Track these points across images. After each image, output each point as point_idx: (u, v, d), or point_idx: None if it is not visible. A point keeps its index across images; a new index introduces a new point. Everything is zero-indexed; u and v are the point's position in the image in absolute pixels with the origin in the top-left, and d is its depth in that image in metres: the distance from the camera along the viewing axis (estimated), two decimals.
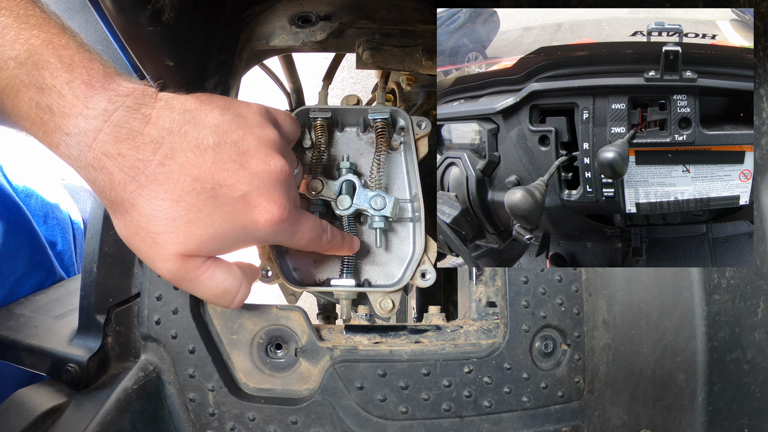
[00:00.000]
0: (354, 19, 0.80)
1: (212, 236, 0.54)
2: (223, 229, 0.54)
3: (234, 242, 0.56)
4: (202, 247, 0.54)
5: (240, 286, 0.58)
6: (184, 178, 0.51)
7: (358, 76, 2.30)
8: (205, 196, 0.52)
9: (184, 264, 0.54)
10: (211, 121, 0.54)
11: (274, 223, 0.55)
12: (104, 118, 0.49)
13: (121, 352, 0.68)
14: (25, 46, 0.48)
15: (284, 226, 0.57)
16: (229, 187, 0.53)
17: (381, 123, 0.74)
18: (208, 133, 0.53)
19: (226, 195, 0.53)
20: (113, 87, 0.50)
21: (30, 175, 0.98)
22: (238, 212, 0.54)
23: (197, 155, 0.52)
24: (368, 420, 0.65)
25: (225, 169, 0.53)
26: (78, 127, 0.49)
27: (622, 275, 0.66)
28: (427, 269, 0.71)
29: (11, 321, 0.79)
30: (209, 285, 0.56)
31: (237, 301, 0.59)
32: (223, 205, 0.53)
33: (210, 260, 0.56)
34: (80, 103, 0.49)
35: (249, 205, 0.54)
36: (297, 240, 0.61)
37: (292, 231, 0.59)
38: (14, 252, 0.86)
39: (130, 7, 0.60)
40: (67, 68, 0.49)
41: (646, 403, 0.63)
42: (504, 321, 0.69)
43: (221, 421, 0.65)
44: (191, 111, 0.53)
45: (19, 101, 0.49)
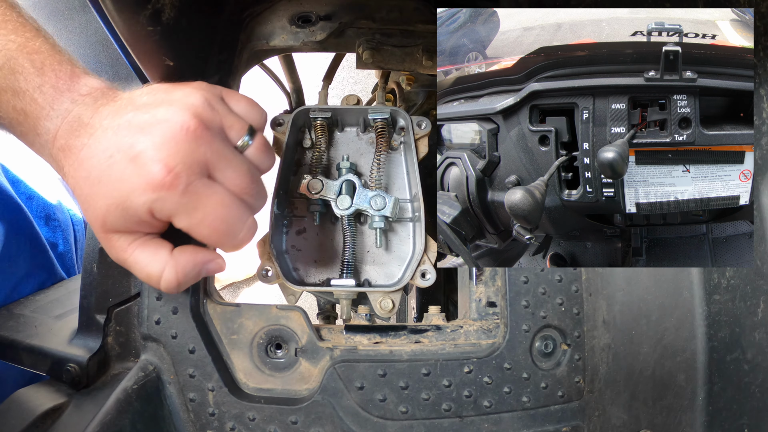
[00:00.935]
0: (354, 19, 0.80)
1: (108, 208, 0.51)
2: (114, 198, 0.51)
3: (128, 214, 0.51)
4: (106, 224, 0.52)
5: (162, 270, 0.54)
6: (101, 154, 0.51)
7: (358, 76, 2.30)
8: (106, 166, 0.51)
9: (108, 243, 0.54)
10: (142, 100, 0.53)
11: (153, 186, 0.49)
12: (64, 116, 0.52)
13: (121, 352, 0.68)
14: (3, 51, 0.52)
15: (169, 194, 0.50)
16: (127, 148, 0.50)
17: (381, 123, 0.74)
18: (136, 110, 0.52)
19: (121, 159, 0.50)
20: (77, 88, 0.54)
21: (31, 176, 0.98)
22: (127, 176, 0.50)
23: (116, 131, 0.51)
24: (368, 420, 0.65)
25: (132, 134, 0.51)
26: (44, 128, 0.53)
27: (622, 275, 0.66)
28: (427, 269, 0.71)
29: (11, 321, 0.79)
30: (135, 267, 0.55)
31: (163, 286, 0.54)
32: (117, 171, 0.50)
33: (139, 240, 0.54)
34: (48, 106, 0.52)
35: (136, 165, 0.49)
36: (195, 223, 0.52)
37: (184, 204, 0.51)
38: (15, 254, 0.86)
39: (130, 7, 0.60)
40: (39, 72, 0.52)
41: (646, 403, 0.63)
42: (504, 321, 0.69)
43: (221, 421, 0.65)
44: (132, 96, 0.54)
45: (0, 103, 0.53)
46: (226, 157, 0.53)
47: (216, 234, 0.53)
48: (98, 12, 0.58)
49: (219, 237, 0.54)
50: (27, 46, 0.53)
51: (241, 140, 0.56)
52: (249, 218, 0.55)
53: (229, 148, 0.55)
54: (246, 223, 0.55)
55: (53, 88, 0.53)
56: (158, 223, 0.53)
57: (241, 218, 0.54)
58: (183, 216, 0.51)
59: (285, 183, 0.74)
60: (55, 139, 0.53)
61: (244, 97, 0.60)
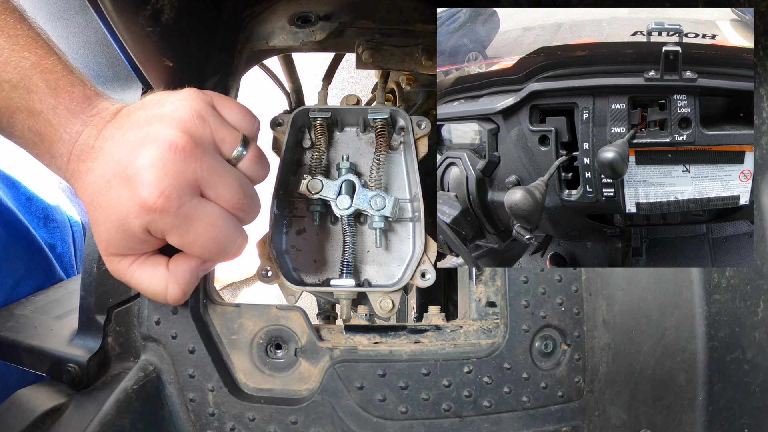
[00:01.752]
0: (353, 19, 0.80)
1: (109, 231, 0.52)
2: (113, 222, 0.51)
3: (128, 236, 0.52)
4: (110, 246, 0.54)
5: (165, 287, 0.55)
6: (100, 179, 0.52)
7: (358, 76, 2.30)
8: (105, 190, 0.51)
9: (112, 265, 0.55)
10: (136, 117, 0.54)
11: (146, 209, 0.49)
12: (74, 140, 0.53)
13: (121, 352, 0.68)
14: (17, 69, 0.52)
15: (162, 216, 0.50)
16: (122, 171, 0.50)
17: (381, 123, 0.74)
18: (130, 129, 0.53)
19: (118, 184, 0.51)
20: (88, 110, 0.54)
21: (30, 177, 0.98)
22: (123, 200, 0.50)
23: (114, 153, 0.52)
24: (368, 420, 0.65)
25: (126, 155, 0.51)
26: (58, 151, 0.54)
27: (622, 275, 0.66)
28: (427, 269, 0.71)
29: (11, 321, 0.79)
30: (139, 289, 0.57)
31: (170, 301, 0.56)
32: (115, 195, 0.51)
33: (138, 260, 0.55)
34: (62, 129, 0.53)
35: (129, 188, 0.50)
36: (187, 243, 0.53)
37: (177, 226, 0.51)
38: (12, 256, 0.86)
39: (130, 8, 0.60)
40: (53, 93, 0.52)
41: (646, 403, 0.63)
42: (504, 321, 0.69)
43: (221, 421, 0.65)
44: (129, 111, 0.54)
45: (14, 121, 0.53)
46: (218, 173, 0.53)
47: (207, 253, 0.54)
48: (98, 12, 0.57)
49: (210, 255, 0.55)
50: (41, 65, 0.53)
51: (235, 152, 0.56)
52: (240, 235, 0.56)
53: (220, 163, 0.54)
54: (236, 241, 0.55)
55: (67, 110, 0.53)
56: (157, 240, 0.54)
57: (231, 237, 0.54)
58: (175, 236, 0.53)
59: (285, 183, 0.74)
60: (68, 163, 0.53)
61: (237, 104, 0.60)
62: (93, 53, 0.71)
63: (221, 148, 0.55)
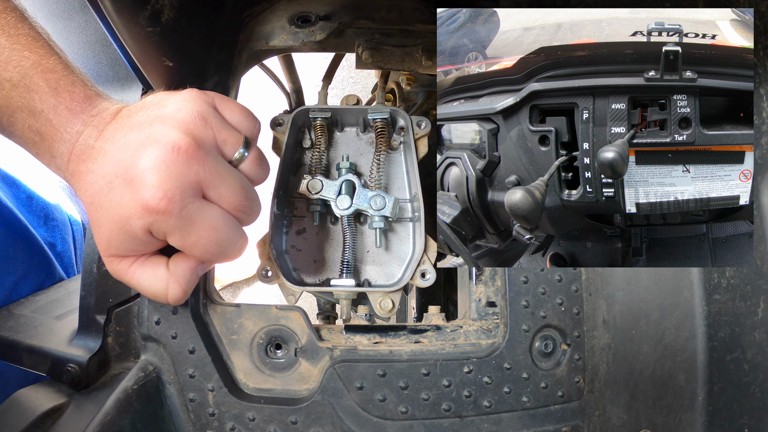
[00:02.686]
0: (353, 19, 0.80)
1: (110, 232, 0.52)
2: (115, 223, 0.52)
3: (129, 237, 0.52)
4: (110, 248, 0.54)
5: (166, 288, 0.56)
6: (101, 180, 0.52)
7: (358, 76, 2.30)
8: (106, 191, 0.52)
9: (112, 266, 0.56)
10: (137, 117, 0.54)
11: (149, 211, 0.49)
12: (75, 139, 0.53)
13: (121, 352, 0.68)
14: (18, 68, 0.52)
15: (164, 218, 0.50)
16: (124, 173, 0.50)
17: (381, 123, 0.74)
18: (132, 129, 0.53)
19: (120, 185, 0.51)
20: (89, 110, 0.54)
21: (30, 176, 0.98)
22: (125, 201, 0.50)
23: (115, 154, 0.52)
24: (368, 420, 0.65)
25: (128, 156, 0.51)
26: (58, 151, 0.53)
27: (622, 275, 0.66)
28: (427, 269, 0.71)
29: (11, 321, 0.79)
30: (140, 289, 0.57)
31: (171, 301, 0.57)
32: (116, 196, 0.51)
33: (138, 261, 0.55)
34: (62, 128, 0.53)
35: (132, 190, 0.50)
36: (189, 245, 0.53)
37: (179, 228, 0.51)
38: (12, 255, 0.86)
39: (130, 8, 0.60)
40: (54, 93, 0.52)
41: (646, 403, 0.63)
42: (504, 321, 0.69)
43: (221, 421, 0.65)
44: (130, 112, 0.54)
45: (15, 120, 0.53)
46: (220, 174, 0.54)
47: (208, 254, 0.55)
48: (97, 12, 0.57)
49: (210, 256, 0.55)
50: (41, 64, 0.53)
51: (236, 153, 0.56)
52: (240, 237, 0.56)
53: (222, 164, 0.54)
54: (237, 243, 0.56)
55: (68, 109, 0.53)
56: (157, 242, 0.54)
57: (232, 239, 0.55)
58: (177, 237, 0.53)
59: (285, 183, 0.74)
60: (69, 163, 0.53)
61: (238, 105, 0.60)
62: (93, 53, 0.71)
63: (223, 149, 0.55)
